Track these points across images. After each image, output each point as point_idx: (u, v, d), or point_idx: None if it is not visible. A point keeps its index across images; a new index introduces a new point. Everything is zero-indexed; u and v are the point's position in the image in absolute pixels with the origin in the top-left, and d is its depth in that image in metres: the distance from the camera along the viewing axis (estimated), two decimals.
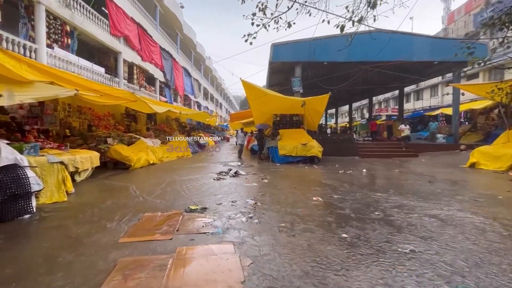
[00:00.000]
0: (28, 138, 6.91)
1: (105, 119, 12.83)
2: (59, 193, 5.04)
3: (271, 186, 6.43)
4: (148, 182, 6.86)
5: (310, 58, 14.45)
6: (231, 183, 6.67)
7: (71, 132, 10.01)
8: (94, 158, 7.46)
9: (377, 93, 26.81)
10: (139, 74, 18.89)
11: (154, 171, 8.98)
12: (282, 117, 13.70)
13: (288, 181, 7.10)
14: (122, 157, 9.08)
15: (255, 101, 12.04)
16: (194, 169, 9.22)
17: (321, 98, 11.96)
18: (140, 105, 10.48)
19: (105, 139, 9.80)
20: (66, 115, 10.43)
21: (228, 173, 8.02)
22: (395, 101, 36.52)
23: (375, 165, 10.76)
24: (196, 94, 33.21)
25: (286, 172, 8.85)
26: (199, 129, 27.06)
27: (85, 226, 3.64)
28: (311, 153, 11.00)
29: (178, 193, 5.62)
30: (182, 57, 27.56)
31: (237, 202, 4.85)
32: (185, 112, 15.81)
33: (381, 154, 13.80)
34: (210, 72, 42.93)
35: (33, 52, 9.51)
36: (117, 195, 5.48)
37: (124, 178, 7.46)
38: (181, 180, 7.09)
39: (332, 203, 4.86)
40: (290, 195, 5.42)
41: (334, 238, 3.21)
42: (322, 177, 7.82)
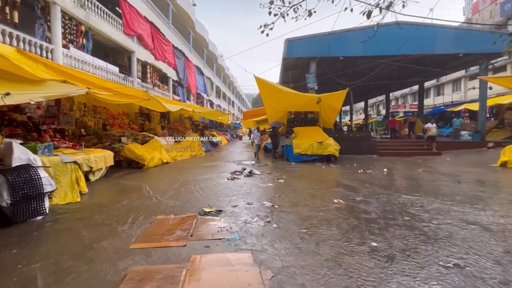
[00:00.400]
0: (44, 137, 6.94)
1: (120, 118, 12.92)
2: (72, 193, 4.96)
3: (287, 186, 6.14)
4: (161, 182, 6.74)
5: (326, 53, 13.98)
6: (246, 183, 6.43)
7: (86, 131, 10.09)
8: (108, 157, 7.42)
9: (394, 89, 25.81)
10: (152, 73, 18.99)
11: (167, 170, 8.89)
12: (296, 115, 13.32)
13: (305, 182, 6.77)
14: (136, 156, 9.04)
15: (268, 98, 11.74)
16: (208, 168, 9.06)
17: (337, 95, 11.50)
18: (153, 104, 10.42)
19: (119, 138, 9.81)
20: (82, 114, 10.53)
21: (242, 173, 7.79)
22: (413, 97, 35.16)
23: (395, 164, 10.22)
24: (209, 93, 33.23)
25: (302, 171, 8.52)
26: (211, 127, 27.06)
27: (96, 229, 3.49)
28: (328, 151, 10.59)
29: (191, 193, 5.44)
30: (194, 56, 27.58)
31: (253, 204, 4.59)
32: (198, 110, 15.73)
33: (400, 152, 13.16)
34: (222, 71, 42.90)
35: (49, 53, 9.61)
36: (130, 195, 5.36)
37: (137, 178, 7.38)
38: (194, 179, 6.92)
39: (355, 206, 4.51)
40: (308, 197, 5.11)
41: (363, 247, 2.89)
42: (340, 177, 7.44)
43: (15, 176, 3.73)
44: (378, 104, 46.51)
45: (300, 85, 17.52)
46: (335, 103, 12.27)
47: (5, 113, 6.81)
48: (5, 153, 4.07)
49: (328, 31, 13.95)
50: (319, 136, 11.42)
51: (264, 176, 7.43)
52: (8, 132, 6.39)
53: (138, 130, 12.97)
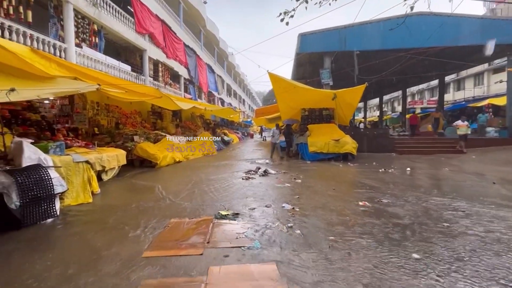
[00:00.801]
0: (58, 136, 6.88)
1: (132, 116, 12.89)
2: (84, 194, 4.81)
3: (306, 187, 5.80)
4: (174, 182, 6.54)
5: (341, 48, 13.46)
6: (262, 184, 6.13)
7: (99, 130, 10.06)
8: (120, 156, 7.30)
9: (412, 84, 24.82)
10: (164, 71, 18.96)
11: (180, 170, 8.71)
12: (311, 112, 12.89)
13: (323, 182, 6.41)
14: (148, 155, 8.91)
15: (282, 95, 11.37)
16: (221, 167, 8.82)
17: (354, 90, 10.99)
18: (165, 102, 10.27)
19: (131, 136, 9.72)
20: (95, 113, 10.51)
21: (257, 172, 7.50)
22: (430, 92, 33.83)
23: (417, 162, 9.67)
24: (220, 91, 33.10)
25: (319, 170, 8.14)
26: (222, 125, 26.92)
27: (107, 233, 3.28)
28: (345, 149, 10.15)
29: (205, 194, 5.19)
30: (205, 54, 27.46)
31: (272, 207, 4.28)
32: (210, 108, 15.54)
33: (421, 150, 12.52)
34: (233, 68, 42.70)
35: (62, 52, 9.61)
36: (143, 196, 5.17)
37: (150, 177, 7.22)
38: (208, 179, 6.68)
39: (383, 209, 4.13)
40: (330, 199, 4.76)
41: (404, 259, 2.53)
42: (361, 176, 7.02)
43: (24, 177, 3.57)
44: (393, 100, 45.12)
45: (313, 81, 17.02)
46: (352, 99, 11.77)
47: (19, 112, 6.79)
48: (16, 152, 3.93)
49: (343, 25, 13.41)
50: (335, 134, 10.97)
51: (280, 176, 7.11)
52: (21, 131, 6.35)
53: (151, 129, 12.90)
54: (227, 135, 21.01)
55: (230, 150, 15.94)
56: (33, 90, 3.82)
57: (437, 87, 33.16)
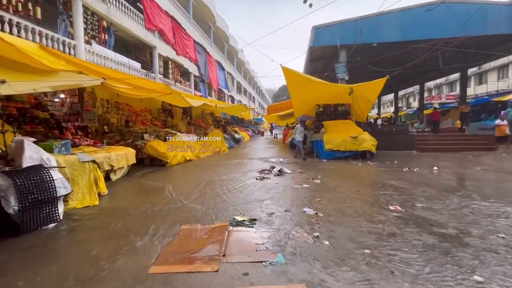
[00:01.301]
0: (66, 135, 6.67)
1: (142, 114, 12.70)
2: (90, 196, 4.53)
3: (326, 188, 5.34)
4: (185, 182, 6.21)
5: (357, 40, 12.79)
6: (278, 184, 5.71)
7: (109, 128, 9.88)
8: (129, 155, 7.04)
9: (430, 78, 23.68)
10: (174, 68, 18.76)
11: (191, 169, 8.40)
12: (325, 108, 12.33)
13: (345, 182, 5.92)
14: (158, 153, 8.65)
15: (296, 90, 10.88)
16: (233, 166, 8.45)
17: (373, 84, 10.37)
18: (175, 99, 9.98)
19: (141, 134, 9.48)
20: (105, 111, 10.34)
21: (271, 171, 7.08)
22: (449, 87, 32.38)
23: (443, 161, 9.00)
24: (230, 88, 32.77)
25: (337, 170, 7.64)
26: (233, 123, 26.61)
27: (112, 242, 2.95)
28: (363, 147, 9.58)
29: (218, 196, 4.82)
30: (215, 51, 27.15)
31: (292, 211, 3.86)
32: (221, 105, 15.20)
33: (445, 148, 11.77)
34: (242, 65, 42.28)
35: (72, 49, 9.45)
36: (152, 198, 4.85)
37: (160, 177, 6.93)
38: (220, 179, 6.32)
39: (419, 215, 3.64)
40: (356, 202, 4.29)
41: (464, 283, 2.06)
42: (384, 176, 6.49)
43: (24, 179, 3.28)
44: (408, 96, 43.63)
45: (326, 75, 16.39)
46: (370, 93, 11.14)
47: (27, 110, 6.62)
48: (16, 152, 3.67)
49: (359, 16, 12.74)
50: (352, 130, 10.41)
51: (296, 175, 6.67)
52: (29, 129, 6.16)
53: (161, 127, 12.69)
54: (237, 132, 20.68)
55: (241, 148, 15.58)
56: (29, 83, 3.52)
57: (456, 81, 31.76)
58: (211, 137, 13.27)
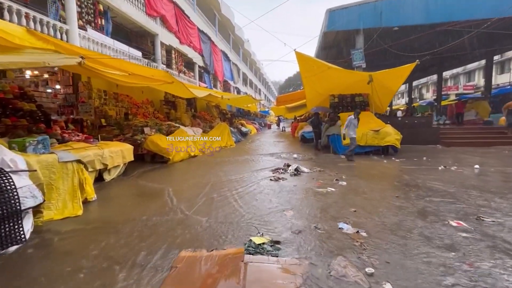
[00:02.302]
0: (54, 129, 5.88)
1: (144, 106, 11.89)
2: (73, 203, 3.73)
3: (356, 192, 4.45)
4: (188, 183, 5.37)
5: (376, 24, 11.64)
6: (297, 187, 4.84)
7: (107, 122, 9.09)
8: (126, 152, 6.23)
9: (448, 67, 22.21)
10: (177, 58, 17.82)
11: (195, 166, 7.58)
12: (341, 98, 11.32)
13: (376, 184, 5.01)
14: (159, 149, 7.83)
15: (310, 78, 9.87)
16: (242, 164, 7.60)
17: (397, 72, 9.30)
18: (177, 89, 9.10)
19: (141, 128, 8.69)
20: (102, 103, 9.54)
21: (286, 170, 6.20)
22: (466, 77, 30.72)
23: (478, 157, 7.98)
24: (236, 80, 31.74)
25: (361, 168, 6.72)
26: (239, 116, 25.69)
27: (86, 280, 2.13)
28: (386, 142, 8.60)
29: (228, 203, 3.97)
30: (220, 40, 26.03)
31: (325, 228, 2.99)
32: (227, 96, 14.27)
33: (473, 142, 10.68)
34: (248, 56, 41.01)
35: (64, 34, 8.59)
36: (148, 205, 4.03)
37: (160, 176, 6.12)
38: (228, 180, 5.47)
39: (498, 236, 2.72)
40: (402, 214, 3.39)
41: None
42: (420, 177, 5.55)
43: None
44: (421, 87, 41.89)
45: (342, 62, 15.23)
46: (392, 82, 10.07)
47: (9, 101, 5.82)
48: None
49: None
50: (372, 123, 9.42)
51: (316, 175, 5.78)
52: (10, 122, 5.39)
53: (164, 120, 11.89)
54: (244, 126, 19.79)
55: (249, 142, 14.70)
56: None
57: (474, 70, 30.10)
58: (217, 131, 12.44)
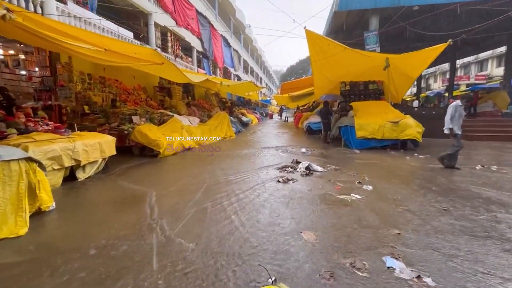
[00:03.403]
0: (17, 116, 4.89)
1: (135, 93, 10.83)
2: (16, 217, 2.77)
3: (388, 201, 3.49)
4: (177, 185, 4.40)
5: (393, 2, 10.41)
6: (312, 193, 3.87)
7: (91, 109, 8.07)
8: (106, 144, 5.25)
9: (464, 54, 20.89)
10: (174, 41, 16.58)
11: (189, 162, 6.60)
12: (353, 86, 10.24)
13: (409, 190, 4.05)
14: (148, 141, 6.84)
15: (320, 62, 8.77)
16: (243, 159, 6.62)
17: (421, 55, 8.17)
18: (170, 72, 8.03)
19: (130, 117, 7.68)
20: (86, 87, 8.49)
21: (296, 168, 5.23)
22: (478, 66, 29.35)
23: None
24: (236, 67, 30.37)
25: (382, 166, 5.74)
26: (239, 105, 24.54)
27: None
28: (406, 135, 7.61)
29: (225, 218, 3.02)
30: (220, 24, 24.53)
31: (367, 268, 2.04)
32: (227, 83, 13.14)
33: (498, 136, 9.69)
34: (250, 43, 39.33)
35: (38, 7, 7.44)
36: (119, 220, 3.07)
37: (146, 175, 5.15)
38: (227, 181, 4.51)
39: None
40: (470, 240, 2.43)
41: None
42: (458, 179, 4.59)
43: None
44: (428, 77, 40.41)
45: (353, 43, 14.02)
46: (413, 68, 8.96)
47: None
48: None
49: None
50: (389, 114, 8.39)
51: (332, 175, 4.81)
52: None
53: (157, 108, 10.85)
54: (245, 115, 18.72)
55: (250, 133, 13.68)
56: None
57: (487, 59, 28.70)
58: (215, 120, 11.42)
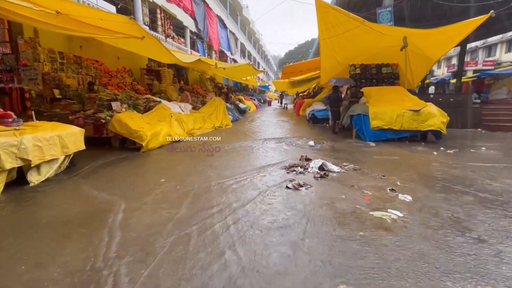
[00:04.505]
0: None
1: (119, 76, 9.61)
2: None
3: (444, 220, 2.52)
4: (155, 194, 3.38)
5: None
6: (334, 206, 2.89)
7: (62, 93, 6.92)
8: (69, 138, 4.18)
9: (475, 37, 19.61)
10: (164, 20, 15.10)
11: (176, 158, 5.56)
12: (363, 69, 9.12)
13: (466, 203, 3.09)
14: (129, 131, 5.77)
15: (330, 40, 7.59)
16: (242, 154, 5.60)
17: (448, 31, 7.03)
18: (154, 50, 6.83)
19: (109, 103, 6.56)
20: (57, 68, 7.27)
21: (306, 168, 4.24)
22: (486, 51, 28.13)
23: None
24: (233, 50, 28.79)
25: (409, 163, 4.77)
26: (236, 91, 23.24)
27: None
28: (429, 125, 6.61)
29: (216, 256, 2.03)
30: (216, 4, 22.79)
31: None
32: (222, 65, 11.89)
33: None
34: (247, 25, 37.35)
35: None
36: (59, 258, 2.07)
37: (118, 176, 4.13)
38: (221, 187, 3.51)
39: None
40: None
41: None
42: (505, 181, 3.64)
43: None
44: None
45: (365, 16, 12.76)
46: (436, 47, 7.86)
47: None
48: None
49: None
50: (407, 101, 7.37)
51: (353, 178, 3.83)
52: None
53: (145, 92, 9.69)
54: (242, 102, 17.55)
55: (248, 121, 12.60)
56: None
57: (495, 44, 27.46)
58: (210, 108, 10.31)
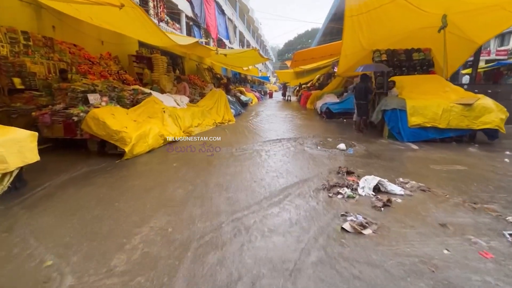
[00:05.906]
0: None
1: (102, 63, 8.14)
2: None
3: None
4: (127, 250, 2.08)
5: None
6: (441, 273, 1.63)
7: (26, 83, 5.51)
8: (11, 148, 2.85)
9: None
10: (157, 2, 13.49)
11: (167, 170, 4.20)
12: (390, 55, 7.77)
13: None
14: (108, 132, 4.43)
15: (357, 18, 6.22)
16: (256, 165, 4.28)
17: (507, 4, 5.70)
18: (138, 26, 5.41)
19: (84, 95, 5.20)
20: (20, 51, 5.83)
21: (356, 189, 2.96)
22: (499, 40, 26.79)
23: None
24: (232, 39, 27.07)
25: (485, 176, 3.50)
26: (235, 82, 21.76)
27: None
28: (484, 123, 5.35)
29: None
30: None
31: None
32: (224, 51, 10.43)
33: None
34: (246, 13, 35.43)
35: None
36: None
37: (78, 207, 2.80)
38: (232, 231, 2.22)
39: None
40: None
41: None
42: None
43: None
44: None
45: None
46: (486, 27, 6.54)
47: None
48: None
49: None
50: (451, 93, 6.08)
51: (426, 206, 2.57)
52: None
53: (134, 83, 8.30)
54: (244, 94, 16.15)
55: (252, 116, 11.24)
56: None
57: (508, 33, 26.08)
58: (210, 101, 8.95)
